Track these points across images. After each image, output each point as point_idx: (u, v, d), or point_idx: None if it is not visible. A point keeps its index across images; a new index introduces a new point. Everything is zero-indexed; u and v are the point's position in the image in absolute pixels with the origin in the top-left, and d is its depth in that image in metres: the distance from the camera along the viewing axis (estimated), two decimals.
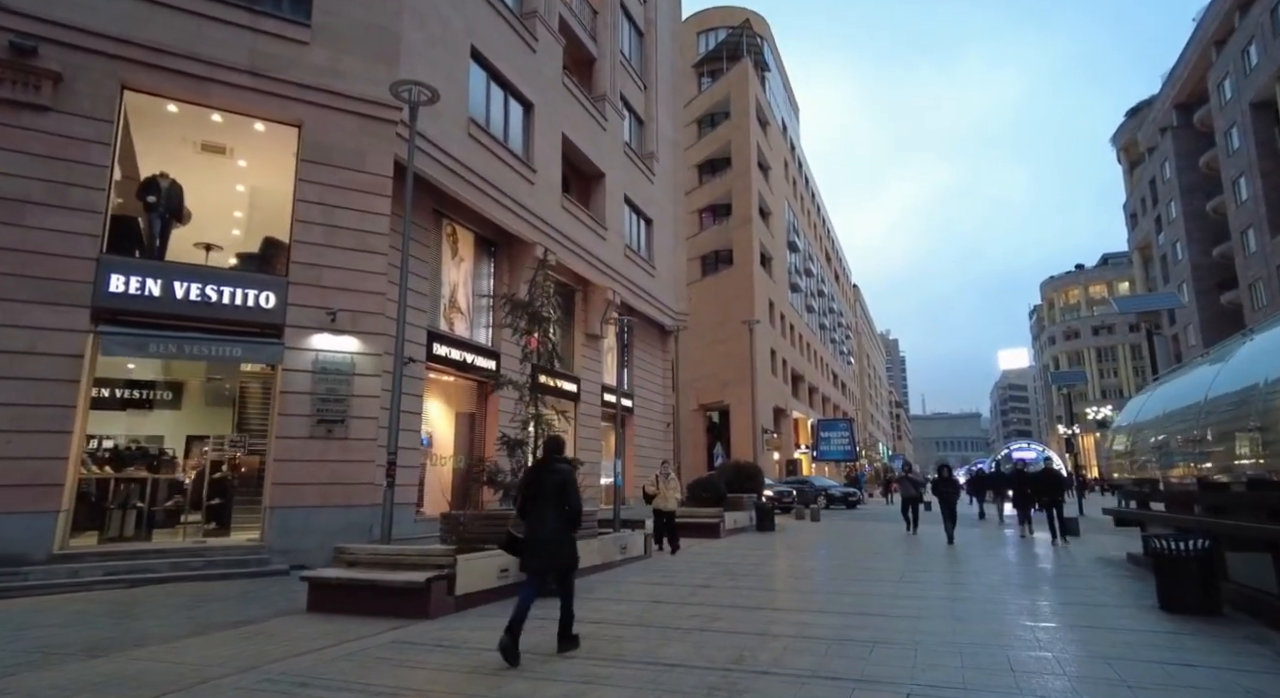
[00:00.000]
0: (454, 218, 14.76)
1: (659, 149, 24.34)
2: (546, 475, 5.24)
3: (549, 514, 5.10)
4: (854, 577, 8.98)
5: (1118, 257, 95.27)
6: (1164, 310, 55.00)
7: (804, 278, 55.94)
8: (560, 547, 5.14)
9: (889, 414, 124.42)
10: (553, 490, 5.13)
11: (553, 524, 5.09)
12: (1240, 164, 40.66)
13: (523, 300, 10.05)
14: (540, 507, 5.13)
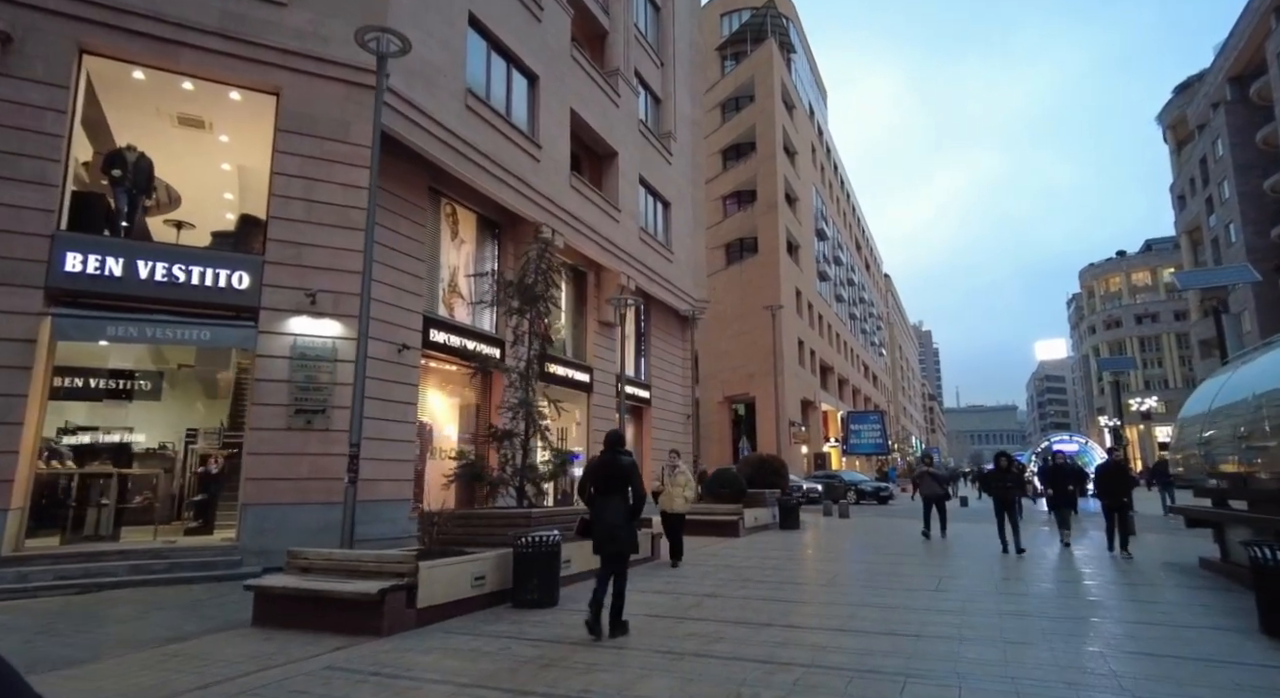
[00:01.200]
0: (453, 196, 13.91)
1: (677, 129, 23.25)
2: (612, 467, 5.73)
3: (616, 502, 5.62)
4: (882, 585, 7.91)
5: (1162, 242, 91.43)
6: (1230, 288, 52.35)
7: (833, 266, 54.32)
8: (628, 533, 5.61)
9: (922, 407, 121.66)
10: (619, 480, 5.67)
11: (621, 511, 5.60)
12: None
13: (517, 279, 9.11)
14: (607, 496, 5.66)
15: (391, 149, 11.83)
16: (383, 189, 11.88)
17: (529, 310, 9.03)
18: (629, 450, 6.28)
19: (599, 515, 5.61)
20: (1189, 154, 57.48)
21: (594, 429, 18.27)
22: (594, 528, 5.63)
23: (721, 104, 45.92)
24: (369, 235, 8.04)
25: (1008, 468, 11.79)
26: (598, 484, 5.74)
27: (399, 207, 12.34)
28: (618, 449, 5.87)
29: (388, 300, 11.65)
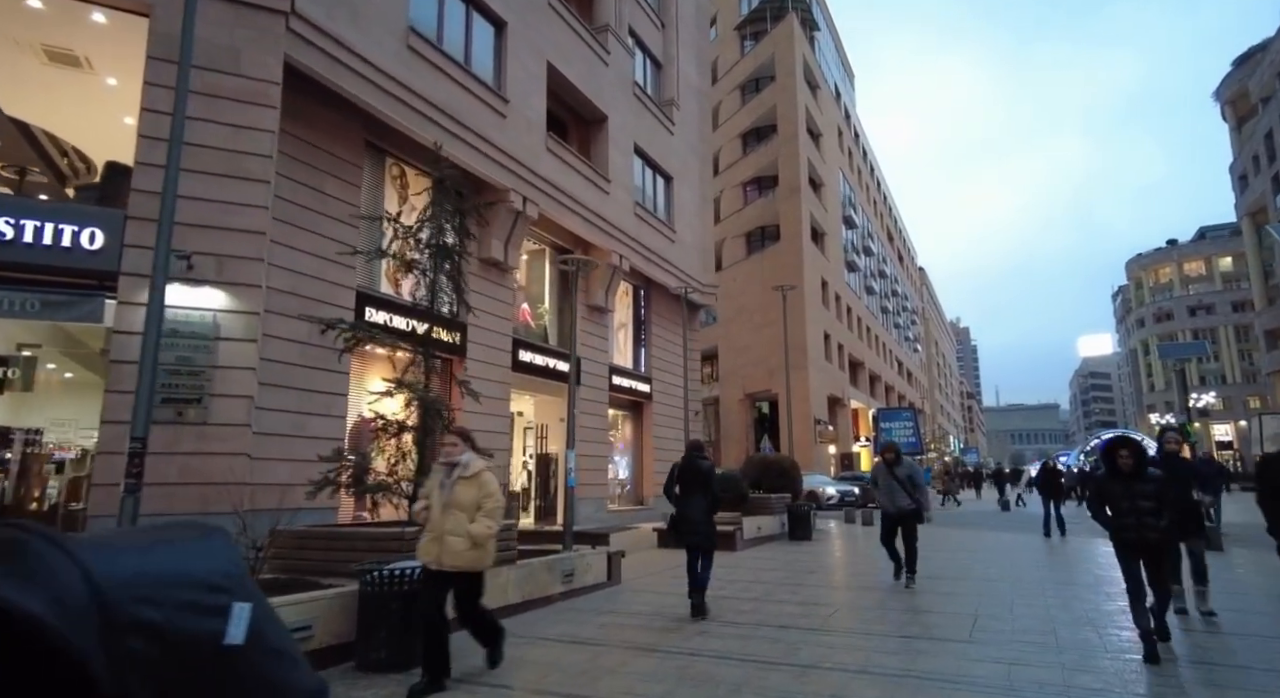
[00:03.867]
0: (399, 155, 12.06)
1: (680, 97, 21.16)
2: (694, 470, 6.77)
3: (697, 499, 6.59)
4: (895, 628, 5.79)
5: (1217, 230, 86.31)
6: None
7: (862, 257, 51.58)
8: (709, 527, 6.59)
9: (960, 406, 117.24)
10: (700, 482, 6.67)
11: (703, 508, 6.57)
12: None
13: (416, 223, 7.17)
14: (690, 495, 6.64)
15: (312, 92, 10.03)
16: (299, 139, 10.12)
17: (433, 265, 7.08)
18: (707, 455, 7.23)
19: (683, 513, 6.66)
20: (1251, 129, 53.33)
21: (581, 425, 16.29)
22: (679, 523, 6.67)
23: (741, 86, 43.65)
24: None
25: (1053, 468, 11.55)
26: (681, 485, 6.77)
27: (325, 162, 10.53)
28: (696, 454, 6.99)
29: (307, 271, 9.84)
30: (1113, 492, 5.08)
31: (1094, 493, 5.30)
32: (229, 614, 0.72)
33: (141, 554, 0.74)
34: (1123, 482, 5.04)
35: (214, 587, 0.74)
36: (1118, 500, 5.04)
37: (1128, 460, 5.03)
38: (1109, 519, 5.10)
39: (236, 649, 0.71)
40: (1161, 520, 4.90)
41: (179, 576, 0.72)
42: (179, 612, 0.70)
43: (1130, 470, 5.01)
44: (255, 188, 8.46)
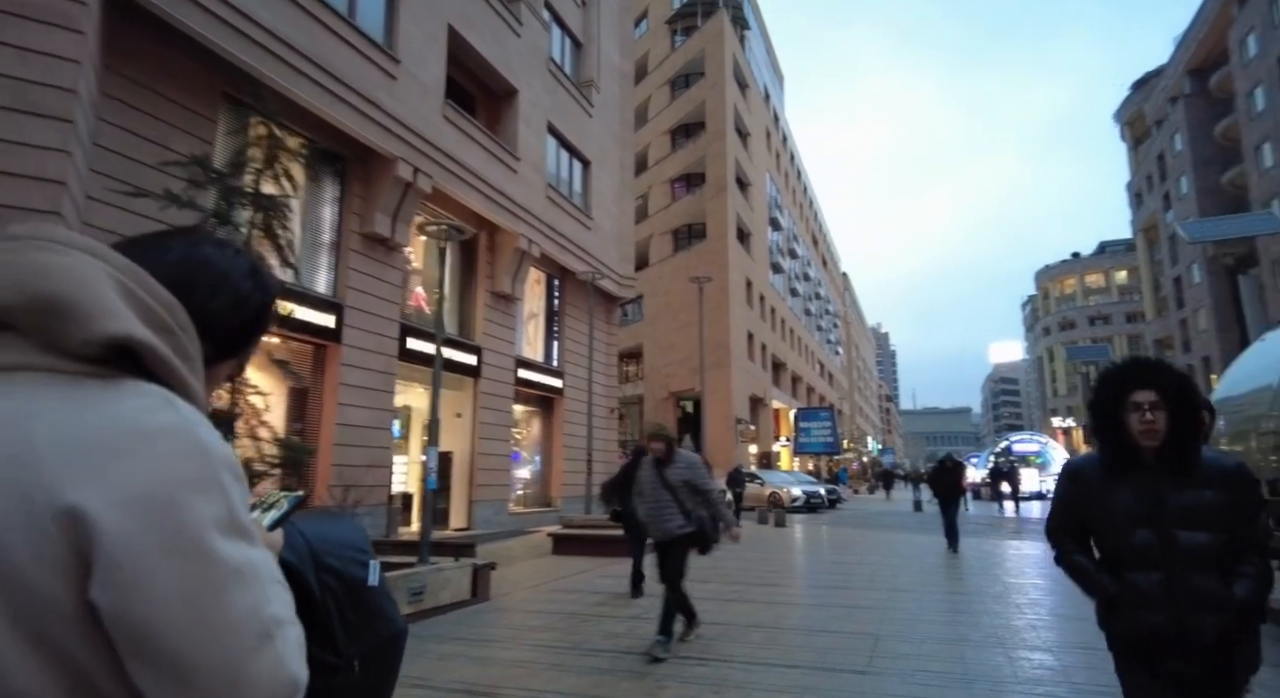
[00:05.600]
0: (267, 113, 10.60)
1: (601, 78, 20.21)
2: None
3: None
4: (779, 654, 5.01)
5: (1116, 245, 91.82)
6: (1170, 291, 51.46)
7: (787, 259, 51.97)
8: None
9: (879, 408, 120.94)
10: None
11: None
12: (1264, 128, 36.87)
13: (227, 166, 5.93)
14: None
15: (156, 31, 8.59)
16: (138, 83, 8.65)
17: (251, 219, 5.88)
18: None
19: (628, 508, 7.22)
20: (1146, 150, 56.69)
21: (482, 421, 15.14)
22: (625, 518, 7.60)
23: (671, 81, 43.12)
24: None
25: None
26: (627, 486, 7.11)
27: (171, 114, 9.07)
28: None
29: None
30: (1115, 506, 2.07)
31: (1064, 510, 2.25)
32: (368, 567, 1.10)
33: (328, 527, 1.11)
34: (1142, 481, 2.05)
35: (361, 549, 1.11)
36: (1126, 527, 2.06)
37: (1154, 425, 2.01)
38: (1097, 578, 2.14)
39: (373, 589, 1.08)
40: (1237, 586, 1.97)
41: (346, 541, 1.10)
42: (346, 562, 1.07)
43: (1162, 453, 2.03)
44: (50, 127, 6.98)
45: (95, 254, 0.70)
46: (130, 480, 0.62)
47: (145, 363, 0.69)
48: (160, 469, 0.64)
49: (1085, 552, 2.19)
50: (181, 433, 0.66)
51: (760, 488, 24.28)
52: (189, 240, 0.84)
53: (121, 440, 0.64)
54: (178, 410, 0.68)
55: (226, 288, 0.82)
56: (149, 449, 0.64)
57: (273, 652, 0.65)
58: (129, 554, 0.60)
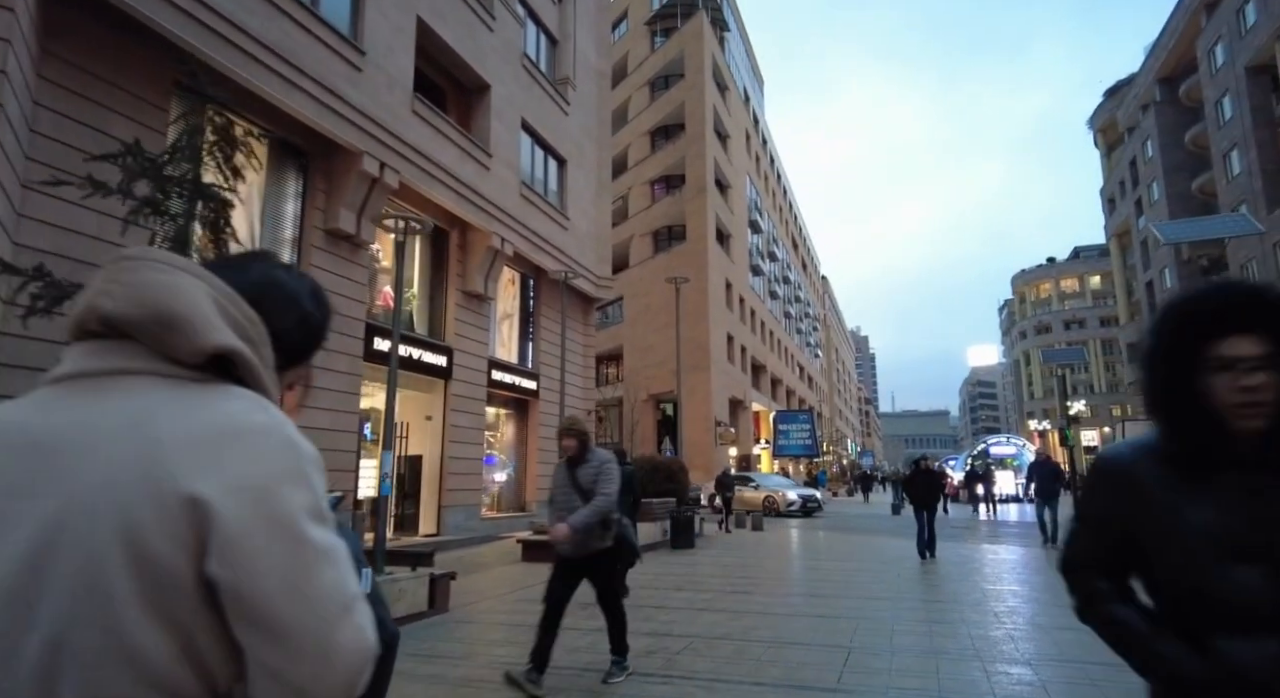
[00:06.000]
0: (227, 107, 10.18)
1: (577, 77, 19.92)
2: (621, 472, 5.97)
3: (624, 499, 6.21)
4: (756, 670, 4.75)
5: (1090, 250, 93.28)
6: (1143, 295, 52.20)
7: (767, 261, 52.00)
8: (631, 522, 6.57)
9: (858, 411, 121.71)
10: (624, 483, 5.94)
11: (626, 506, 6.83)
12: (1232, 136, 37.51)
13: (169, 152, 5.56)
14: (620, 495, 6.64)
15: (101, 12, 8.16)
16: (79, 68, 8.22)
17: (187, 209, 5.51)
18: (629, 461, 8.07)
19: None
20: (1119, 157, 57.56)
21: (453, 425, 14.74)
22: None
23: (650, 82, 42.96)
24: None
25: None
26: None
27: (117, 101, 8.63)
28: (620, 459, 6.78)
29: (84, 229, 7.91)
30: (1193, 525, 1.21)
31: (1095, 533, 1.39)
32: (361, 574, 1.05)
33: None
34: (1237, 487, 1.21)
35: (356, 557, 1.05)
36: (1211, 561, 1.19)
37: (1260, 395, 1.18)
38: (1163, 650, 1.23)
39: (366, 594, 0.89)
40: None
41: None
42: None
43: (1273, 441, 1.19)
44: None
45: (195, 274, 0.80)
46: (237, 471, 0.73)
47: (237, 370, 0.80)
48: (261, 462, 0.74)
49: (1127, 599, 1.33)
50: (276, 431, 0.77)
51: (755, 492, 23.86)
52: (265, 265, 0.95)
53: (229, 437, 0.74)
54: (270, 412, 0.79)
55: (295, 307, 0.93)
56: (251, 445, 0.75)
57: (353, 621, 0.75)
58: (238, 535, 0.70)
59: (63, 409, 0.75)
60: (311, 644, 0.71)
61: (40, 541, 0.69)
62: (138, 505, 0.69)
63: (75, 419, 0.74)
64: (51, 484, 0.70)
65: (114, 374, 0.76)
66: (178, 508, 0.69)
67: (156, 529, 0.69)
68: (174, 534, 0.69)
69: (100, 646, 0.67)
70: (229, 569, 0.70)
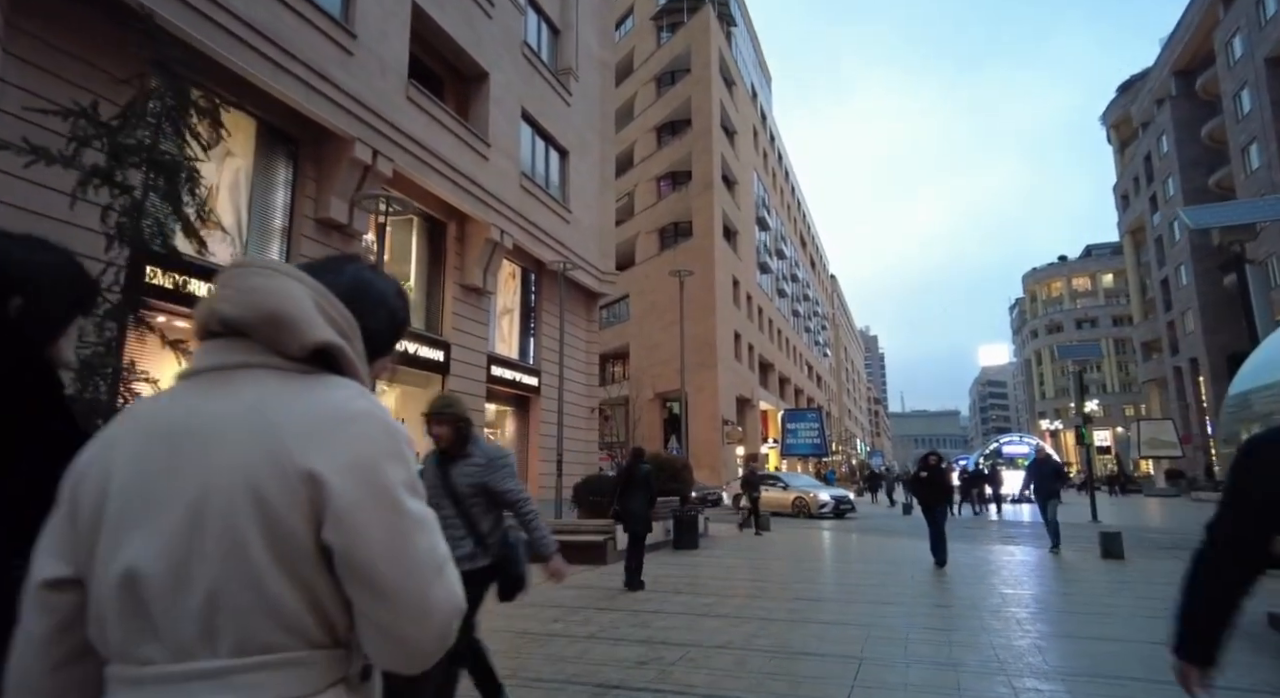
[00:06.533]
0: (207, 86, 9.82)
1: (580, 67, 19.51)
2: (635, 472, 8.58)
3: (639, 497, 8.38)
4: (758, 683, 4.32)
5: (1102, 248, 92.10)
6: (1158, 293, 51.34)
7: (775, 259, 51.47)
8: (647, 518, 8.46)
9: (867, 411, 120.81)
10: (640, 482, 8.48)
11: (643, 503, 8.40)
12: (1251, 129, 36.72)
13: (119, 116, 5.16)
14: (633, 492, 8.40)
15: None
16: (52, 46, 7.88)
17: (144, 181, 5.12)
18: (646, 460, 9.06)
19: (626, 507, 8.37)
20: (1133, 153, 56.71)
21: None
22: (624, 515, 8.40)
23: (657, 77, 42.53)
24: None
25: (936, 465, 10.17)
26: (625, 484, 8.59)
27: (94, 81, 8.26)
28: (637, 459, 8.82)
29: (53, 213, 7.54)
30: None
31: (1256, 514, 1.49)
32: None
33: None
34: None
35: None
36: None
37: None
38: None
39: None
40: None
41: None
42: None
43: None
44: None
45: (297, 278, 0.90)
46: (346, 450, 0.82)
47: (336, 362, 0.90)
48: (365, 443, 0.84)
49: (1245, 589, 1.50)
50: (375, 416, 0.87)
51: (784, 492, 22.61)
52: (356, 266, 1.06)
53: (336, 421, 0.84)
54: (369, 398, 0.89)
55: (384, 305, 1.05)
56: (356, 427, 0.85)
57: (445, 580, 0.84)
58: (348, 507, 0.80)
59: (195, 400, 0.86)
60: (411, 601, 0.80)
61: (191, 514, 0.79)
62: (265, 482, 0.79)
63: (206, 408, 0.84)
64: (194, 466, 0.81)
65: (235, 368, 0.87)
66: (297, 483, 0.80)
67: (281, 502, 0.79)
68: (295, 505, 0.79)
69: (247, 599, 0.78)
70: (341, 537, 0.80)
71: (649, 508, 8.51)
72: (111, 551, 0.80)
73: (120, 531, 0.81)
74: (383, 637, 0.82)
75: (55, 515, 0.86)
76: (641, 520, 8.29)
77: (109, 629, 0.80)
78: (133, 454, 0.84)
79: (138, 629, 0.78)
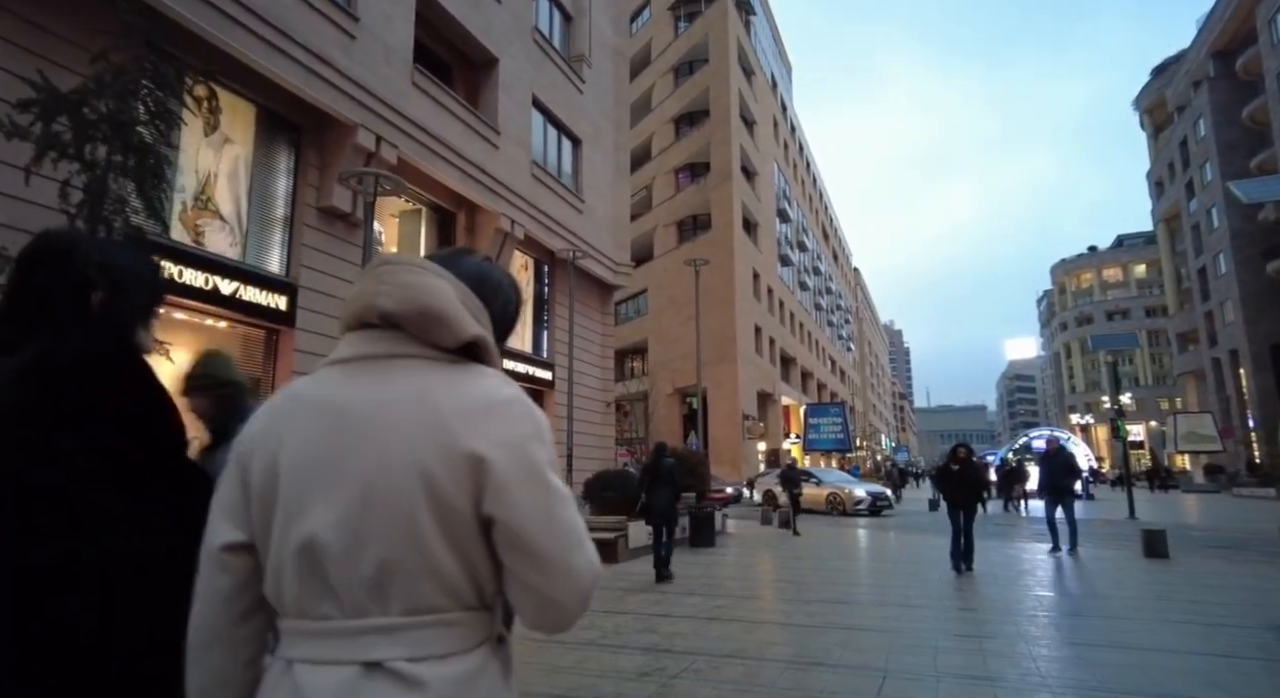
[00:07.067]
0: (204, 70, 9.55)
1: (593, 54, 19.07)
2: (660, 466, 8.82)
3: (664, 491, 8.63)
4: (777, 694, 3.86)
5: (1134, 237, 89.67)
6: (1195, 282, 49.67)
7: (796, 251, 50.64)
8: (672, 510, 8.71)
9: (892, 405, 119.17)
10: (665, 476, 8.72)
11: (668, 496, 8.66)
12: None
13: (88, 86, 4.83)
14: (658, 486, 8.63)
15: None
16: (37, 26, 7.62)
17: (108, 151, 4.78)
18: (669, 455, 9.37)
19: (653, 501, 8.58)
20: (1167, 138, 54.90)
21: None
22: (650, 508, 8.58)
23: (674, 68, 41.94)
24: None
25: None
26: (651, 478, 8.77)
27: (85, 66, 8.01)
28: (662, 454, 9.08)
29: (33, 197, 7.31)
30: None
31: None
32: None
33: None
34: None
35: None
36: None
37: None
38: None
39: None
40: None
41: None
42: None
43: None
44: None
45: (441, 275, 0.98)
46: (501, 432, 0.90)
47: (478, 352, 0.98)
48: (516, 425, 0.92)
49: None
50: (521, 401, 0.95)
51: (816, 488, 21.76)
52: (474, 259, 1.12)
53: (491, 406, 0.92)
54: (512, 386, 0.97)
55: (502, 293, 1.11)
56: (507, 411, 0.93)
57: (587, 549, 0.92)
58: (507, 483, 0.88)
59: (357, 385, 0.93)
60: (560, 566, 0.89)
61: (365, 488, 0.88)
62: (431, 461, 0.87)
63: (370, 393, 0.92)
64: (365, 445, 0.89)
65: (392, 358, 0.94)
66: (461, 462, 0.88)
67: (446, 479, 0.87)
68: (458, 482, 0.87)
69: (415, 565, 0.87)
70: (500, 508, 0.88)
71: (675, 501, 8.81)
72: (290, 521, 0.89)
73: (298, 503, 0.89)
74: (535, 599, 0.90)
75: (226, 485, 0.97)
76: (667, 513, 8.56)
77: (287, 589, 0.89)
78: (303, 433, 0.92)
79: (315, 590, 0.88)
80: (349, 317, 0.98)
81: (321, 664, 0.86)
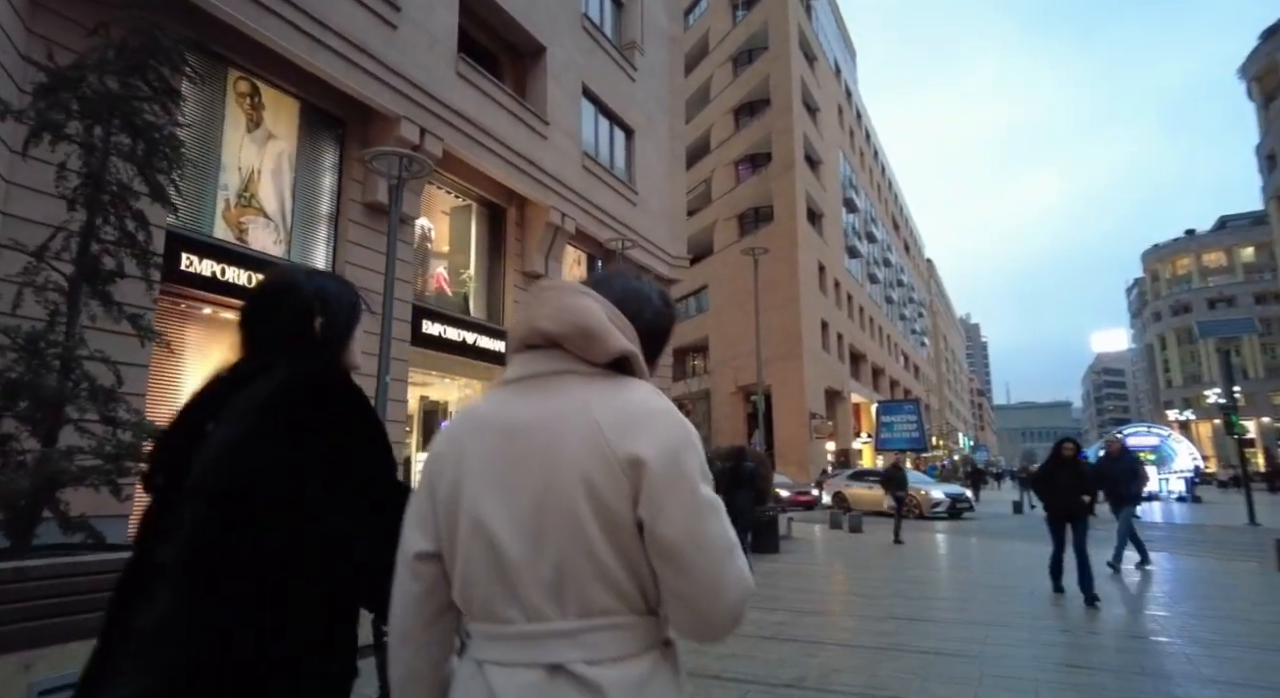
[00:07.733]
0: (247, 66, 9.47)
1: (645, 41, 18.50)
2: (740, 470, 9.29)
3: (745, 494, 9.05)
4: None
5: (1239, 219, 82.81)
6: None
7: (865, 243, 48.80)
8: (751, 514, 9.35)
9: (969, 403, 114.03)
10: (745, 479, 9.21)
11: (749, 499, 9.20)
12: None
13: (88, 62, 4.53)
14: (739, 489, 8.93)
15: None
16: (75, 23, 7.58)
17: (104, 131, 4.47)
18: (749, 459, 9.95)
19: (731, 503, 7.95)
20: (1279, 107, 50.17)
21: None
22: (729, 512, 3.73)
23: (733, 57, 40.98)
24: None
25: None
26: (730, 481, 8.93)
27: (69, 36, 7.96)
28: (742, 458, 9.64)
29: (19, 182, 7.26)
30: None
31: None
32: None
33: None
34: None
35: None
36: None
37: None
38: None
39: None
40: None
41: None
42: None
43: None
44: None
45: (594, 296, 1.03)
46: (656, 442, 0.93)
47: (628, 366, 1.02)
48: (669, 434, 0.95)
49: None
50: (672, 412, 0.99)
51: None
52: (624, 277, 1.18)
53: (645, 415, 0.96)
54: (663, 397, 1.01)
55: (651, 309, 1.14)
56: (660, 421, 0.96)
57: (736, 561, 0.94)
58: (659, 488, 0.92)
59: (527, 401, 1.00)
60: (705, 577, 0.90)
61: (539, 497, 0.93)
62: (594, 470, 0.92)
63: (538, 408, 0.99)
64: (537, 456, 0.95)
65: (556, 374, 1.01)
66: (619, 469, 0.92)
67: (607, 486, 0.92)
68: (618, 488, 0.92)
69: (586, 569, 0.91)
70: (650, 511, 0.92)
71: (754, 505, 9.25)
72: (474, 530, 0.96)
73: (480, 512, 0.96)
74: (683, 607, 0.93)
75: (418, 497, 1.04)
76: (744, 517, 8.82)
77: (473, 593, 0.96)
78: (481, 448, 0.99)
79: (499, 594, 0.93)
80: (516, 340, 1.08)
81: (510, 666, 0.91)
